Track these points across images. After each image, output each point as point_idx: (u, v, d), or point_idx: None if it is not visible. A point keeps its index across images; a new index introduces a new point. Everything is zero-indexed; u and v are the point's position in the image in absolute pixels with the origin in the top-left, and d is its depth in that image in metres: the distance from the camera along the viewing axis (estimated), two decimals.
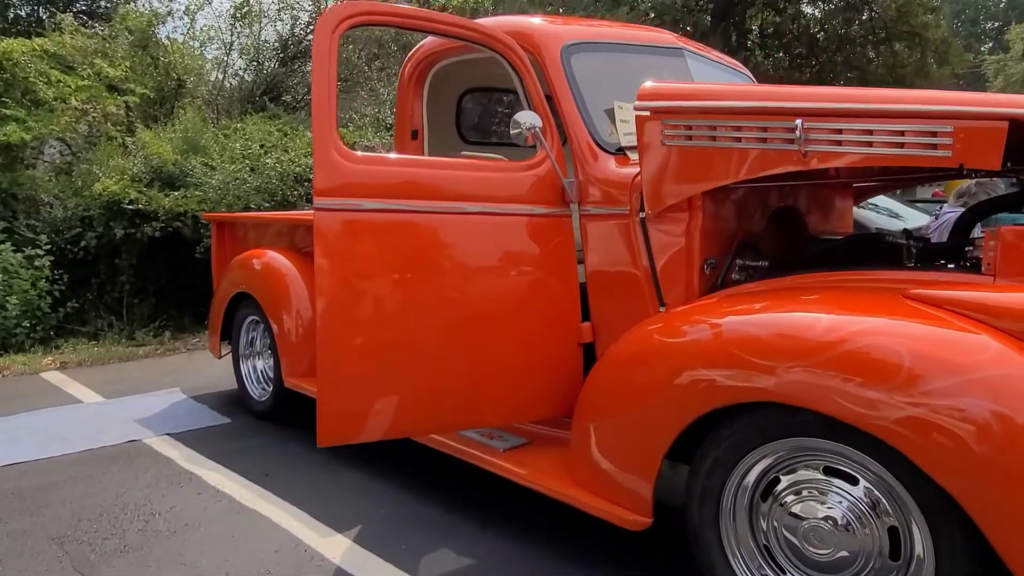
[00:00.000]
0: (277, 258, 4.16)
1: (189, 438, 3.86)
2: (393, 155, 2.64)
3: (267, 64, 11.17)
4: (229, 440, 3.81)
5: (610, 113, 2.80)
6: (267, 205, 7.37)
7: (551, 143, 2.62)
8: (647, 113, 2.45)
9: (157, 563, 2.51)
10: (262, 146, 8.17)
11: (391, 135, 8.29)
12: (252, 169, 7.54)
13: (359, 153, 2.37)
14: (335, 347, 2.30)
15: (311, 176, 7.93)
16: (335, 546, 2.60)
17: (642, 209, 2.53)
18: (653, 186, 2.46)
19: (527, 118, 2.53)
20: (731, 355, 1.93)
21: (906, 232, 2.42)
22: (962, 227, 2.43)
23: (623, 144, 2.75)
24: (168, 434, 3.92)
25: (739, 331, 2.00)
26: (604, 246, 2.66)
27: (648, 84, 2.50)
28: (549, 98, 2.76)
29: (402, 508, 2.91)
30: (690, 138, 2.38)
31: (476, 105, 3.97)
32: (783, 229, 2.82)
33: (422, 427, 2.52)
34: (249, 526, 2.78)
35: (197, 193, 7.48)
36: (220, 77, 11.20)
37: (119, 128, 8.63)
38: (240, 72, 11.27)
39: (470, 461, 2.74)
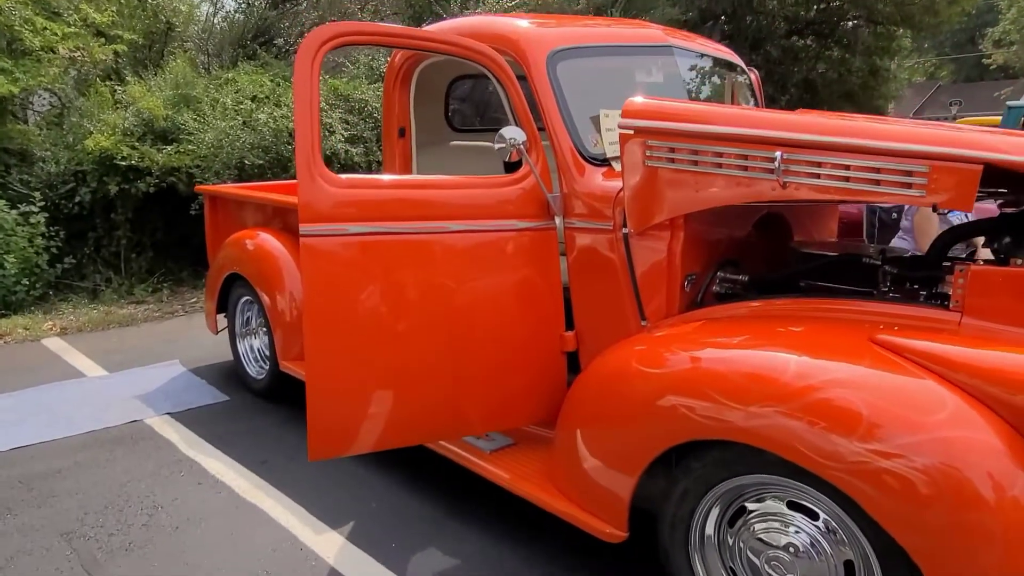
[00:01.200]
0: (269, 240, 4.19)
1: (189, 418, 3.98)
2: (377, 176, 2.65)
3: (258, 5, 10.89)
4: (228, 421, 3.94)
5: (595, 121, 2.80)
6: (261, 162, 7.34)
7: (535, 158, 2.63)
8: (631, 132, 2.46)
9: (161, 562, 2.65)
10: (254, 98, 8.07)
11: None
12: (245, 124, 7.46)
13: (342, 177, 2.39)
14: (323, 367, 2.38)
15: None
16: (329, 544, 2.74)
17: (625, 225, 2.56)
18: (635, 205, 2.49)
19: (511, 133, 2.54)
20: (704, 392, 2.01)
21: (882, 253, 2.46)
22: (940, 246, 2.47)
23: (608, 155, 2.76)
24: (169, 414, 4.05)
25: (714, 368, 2.06)
26: (587, 259, 2.70)
27: (634, 101, 2.49)
28: (534, 105, 2.75)
29: (393, 501, 3.05)
30: (672, 160, 2.39)
31: (465, 92, 3.94)
32: (768, 236, 2.86)
33: (411, 438, 2.62)
34: (248, 522, 2.92)
35: (191, 148, 7.44)
36: (211, 12, 10.93)
37: (108, 84, 8.49)
38: (231, 14, 10.99)
39: (457, 461, 2.85)
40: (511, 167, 2.75)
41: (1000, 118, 10.66)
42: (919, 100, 36.45)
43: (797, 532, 1.96)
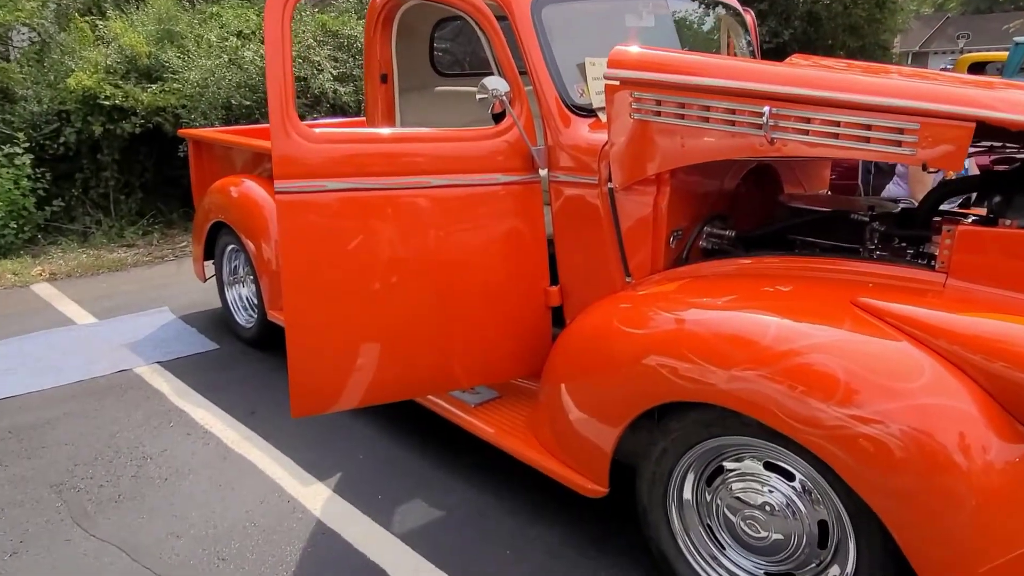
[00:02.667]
0: (254, 188, 4.13)
1: (178, 367, 4.00)
2: (354, 130, 2.57)
3: None
4: (217, 370, 3.95)
5: (581, 69, 2.71)
6: (249, 102, 7.18)
7: (519, 110, 2.56)
8: (617, 83, 2.39)
9: (150, 514, 2.69)
10: (239, 34, 7.84)
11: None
12: (231, 63, 7.27)
13: (317, 131, 2.33)
14: (303, 324, 2.37)
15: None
16: (316, 496, 2.78)
17: (610, 179, 2.51)
18: (620, 160, 2.43)
19: (494, 84, 2.46)
20: (684, 355, 1.99)
21: (871, 209, 2.41)
22: (932, 201, 2.43)
23: (595, 105, 2.68)
24: (158, 362, 4.06)
25: (695, 330, 2.04)
26: (573, 213, 2.66)
27: (619, 49, 2.41)
28: (517, 51, 2.66)
29: (379, 451, 3.08)
30: (659, 113, 2.33)
31: (450, 35, 3.81)
32: (756, 188, 2.81)
33: (395, 394, 2.62)
34: (236, 473, 2.95)
35: (176, 87, 7.27)
36: None
37: (89, 19, 8.23)
38: None
39: (442, 415, 2.87)
40: (497, 117, 2.68)
41: (1007, 53, 10.41)
42: (927, 32, 35.61)
43: (772, 492, 1.98)
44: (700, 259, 2.53)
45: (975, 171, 3.30)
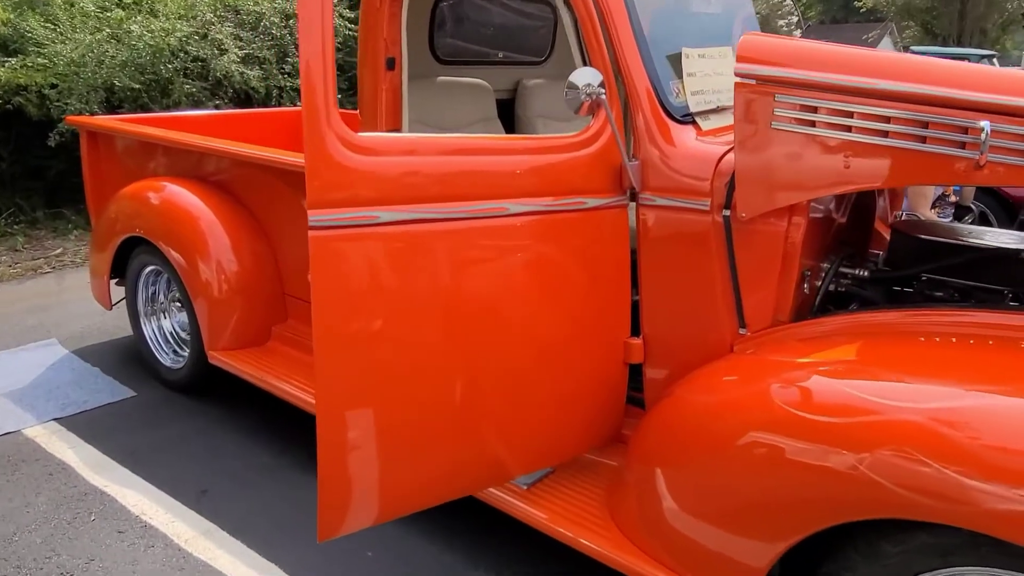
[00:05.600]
0: (182, 194, 3.27)
1: (85, 425, 3.09)
2: (409, 135, 1.87)
3: None
4: (141, 429, 3.08)
5: (675, 62, 2.13)
6: (137, 85, 6.09)
7: (615, 110, 1.95)
8: (752, 82, 1.83)
9: None
10: (120, 3, 6.68)
11: None
12: (114, 37, 6.14)
13: (363, 135, 1.62)
14: (343, 417, 1.66)
15: (188, 46, 6.64)
16: None
17: (727, 206, 1.96)
18: (753, 181, 1.88)
19: (587, 76, 1.84)
20: (920, 456, 1.44)
21: None
22: None
23: (692, 109, 2.12)
24: (56, 419, 3.13)
25: (929, 422, 1.50)
26: (669, 246, 2.08)
27: (753, 39, 1.85)
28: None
29: (392, 544, 2.39)
30: (813, 123, 1.79)
31: (453, 16, 3.13)
32: (854, 216, 2.36)
33: (451, 492, 1.96)
34: None
35: (42, 63, 6.06)
36: None
37: None
38: None
39: (485, 501, 2.22)
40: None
41: None
42: None
43: None
44: (838, 309, 2.03)
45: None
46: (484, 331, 1.81)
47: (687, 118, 2.09)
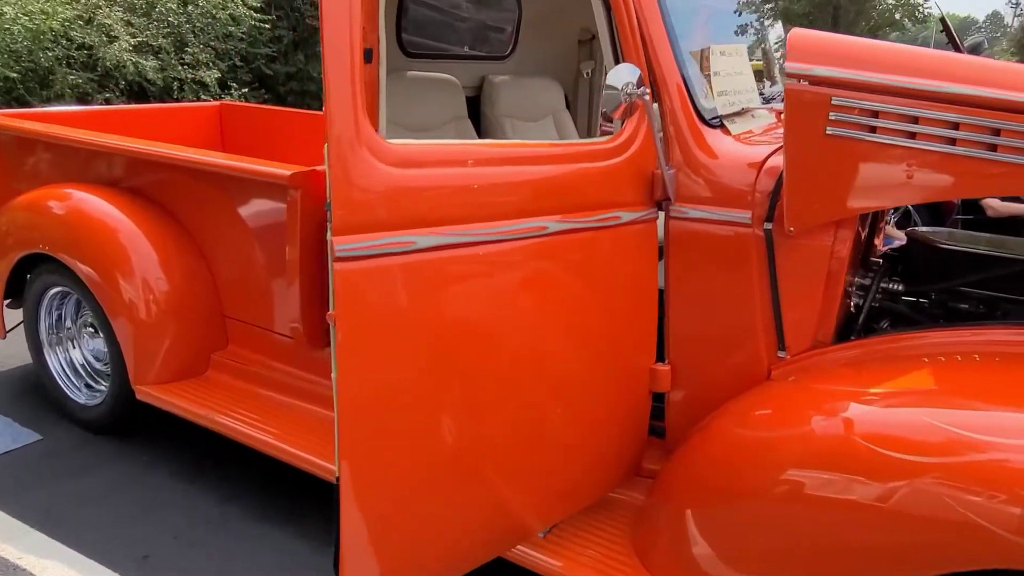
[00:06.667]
0: (95, 203, 2.81)
1: None
2: (440, 142, 1.58)
3: None
4: (54, 480, 2.61)
5: (701, 60, 1.94)
6: (14, 74, 5.38)
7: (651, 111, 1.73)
8: (803, 83, 1.66)
9: None
10: None
11: None
12: None
13: (397, 143, 1.33)
14: (372, 479, 1.37)
15: (72, 32, 5.92)
16: None
17: (770, 218, 1.78)
18: (804, 194, 1.71)
19: (626, 74, 1.61)
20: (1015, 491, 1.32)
21: None
22: None
23: (720, 111, 1.93)
24: None
25: (1006, 452, 1.39)
26: (702, 262, 1.88)
27: (804, 34, 1.68)
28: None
29: None
30: (874, 130, 1.64)
31: (419, 6, 2.82)
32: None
33: (481, 555, 1.69)
34: None
35: None
36: None
37: None
38: None
39: (503, 557, 1.96)
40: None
41: None
42: None
43: None
44: (886, 329, 1.90)
45: None
46: (522, 370, 1.56)
47: (715, 121, 1.91)
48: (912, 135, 1.62)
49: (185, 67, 6.26)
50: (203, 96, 6.07)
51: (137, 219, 2.78)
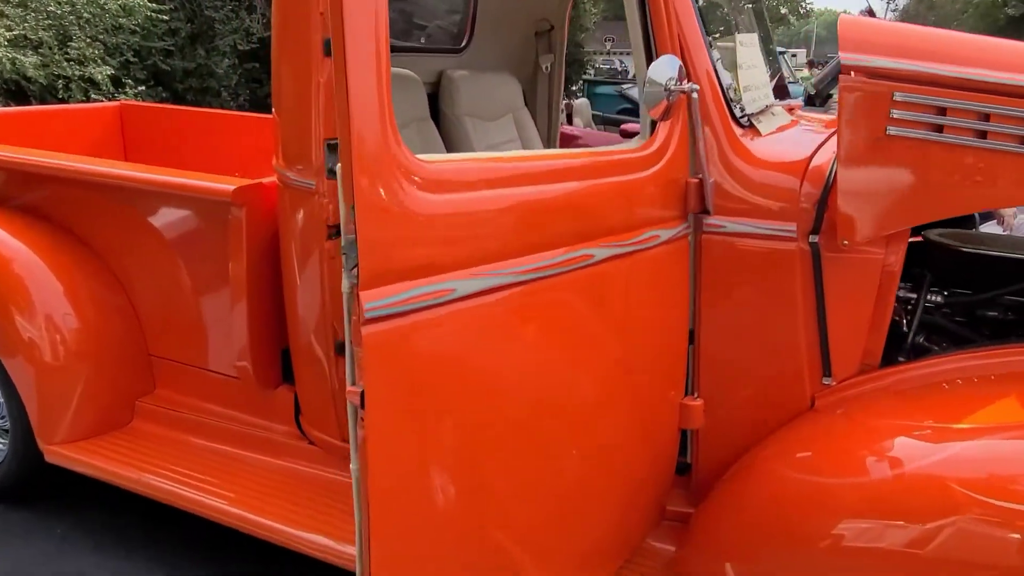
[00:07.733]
0: None
1: None
2: (469, 155, 1.26)
3: None
4: None
5: (726, 54, 1.70)
6: None
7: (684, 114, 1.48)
8: (860, 79, 1.45)
9: None
10: None
11: None
12: None
13: (430, 160, 1.02)
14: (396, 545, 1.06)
15: None
16: None
17: (816, 230, 1.57)
18: (862, 203, 1.51)
19: (667, 70, 1.35)
20: None
21: None
22: None
23: (748, 109, 1.70)
24: None
25: None
26: (742, 283, 1.65)
27: (857, 21, 1.48)
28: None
29: None
30: (941, 129, 1.45)
31: None
32: None
33: None
34: None
35: None
36: None
37: None
38: None
39: None
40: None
41: None
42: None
43: None
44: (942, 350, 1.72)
45: None
46: (575, 431, 1.29)
47: (745, 121, 1.68)
48: (983, 134, 1.44)
49: (71, 63, 5.58)
50: (94, 96, 5.44)
51: (36, 245, 2.34)
